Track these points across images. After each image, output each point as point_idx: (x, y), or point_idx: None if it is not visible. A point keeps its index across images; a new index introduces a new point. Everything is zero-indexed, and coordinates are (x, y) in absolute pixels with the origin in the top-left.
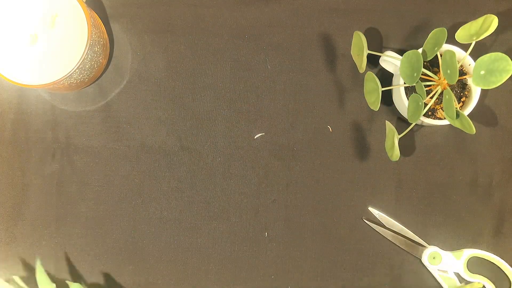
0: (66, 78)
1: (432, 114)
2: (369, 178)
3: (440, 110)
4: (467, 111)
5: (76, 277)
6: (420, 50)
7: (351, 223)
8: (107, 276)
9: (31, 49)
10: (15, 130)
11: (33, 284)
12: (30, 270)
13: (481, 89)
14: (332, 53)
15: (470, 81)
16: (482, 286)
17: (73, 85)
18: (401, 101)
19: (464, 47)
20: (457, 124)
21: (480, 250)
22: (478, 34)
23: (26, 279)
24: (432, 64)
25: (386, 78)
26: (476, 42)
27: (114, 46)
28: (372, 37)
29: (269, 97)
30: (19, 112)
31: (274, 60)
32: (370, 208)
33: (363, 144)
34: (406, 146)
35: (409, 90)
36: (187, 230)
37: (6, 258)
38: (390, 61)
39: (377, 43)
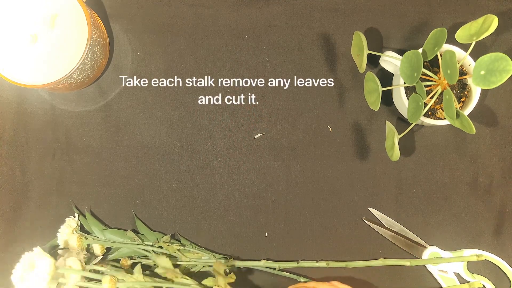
0: (66, 78)
1: (432, 114)
2: (369, 178)
3: (440, 110)
4: (467, 111)
5: None
6: (420, 50)
7: (351, 223)
8: None
9: (31, 49)
10: (15, 130)
11: None
12: None
13: (481, 89)
14: (332, 53)
15: (470, 81)
16: (481, 285)
17: (73, 85)
18: (401, 101)
19: (464, 47)
20: (457, 124)
21: (480, 250)
22: (478, 34)
23: None
24: (432, 64)
25: (386, 78)
26: (476, 42)
27: (114, 46)
28: (372, 37)
29: (269, 97)
30: (19, 112)
31: (274, 60)
32: (370, 209)
33: (363, 144)
34: (406, 146)
35: (409, 90)
36: (187, 230)
37: (6, 258)
38: (390, 61)
39: (377, 43)
